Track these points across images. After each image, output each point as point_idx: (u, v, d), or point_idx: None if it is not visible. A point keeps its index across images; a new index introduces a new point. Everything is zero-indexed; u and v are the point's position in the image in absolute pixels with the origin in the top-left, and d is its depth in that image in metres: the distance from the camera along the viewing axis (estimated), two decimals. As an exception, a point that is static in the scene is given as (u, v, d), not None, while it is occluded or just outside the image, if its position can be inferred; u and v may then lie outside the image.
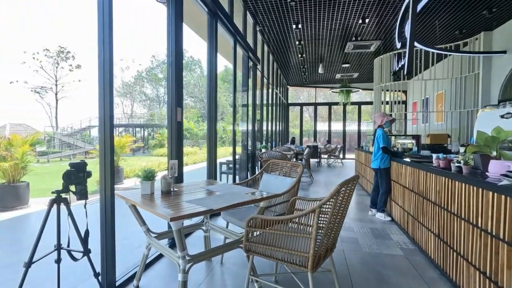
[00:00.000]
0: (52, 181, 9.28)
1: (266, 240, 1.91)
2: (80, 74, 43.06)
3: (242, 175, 6.39)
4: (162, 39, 54.48)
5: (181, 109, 3.33)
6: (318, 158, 11.53)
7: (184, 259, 1.88)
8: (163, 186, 2.31)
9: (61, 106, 32.29)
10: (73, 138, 20.73)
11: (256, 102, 7.17)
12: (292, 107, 16.16)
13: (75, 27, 44.92)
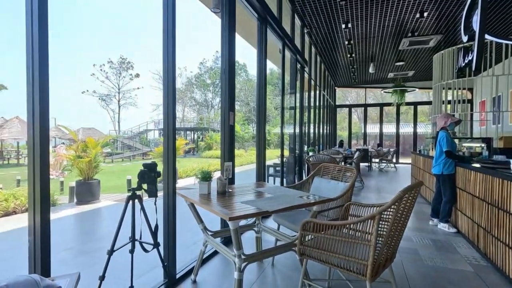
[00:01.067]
0: (116, 180, 10.29)
1: (321, 245, 1.89)
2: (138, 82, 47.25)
3: (290, 178, 6.37)
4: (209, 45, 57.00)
5: (233, 113, 3.47)
6: (369, 162, 10.95)
7: (240, 258, 1.95)
8: (219, 187, 2.43)
9: (123, 111, 35.77)
10: (132, 141, 22.81)
11: (303, 105, 7.10)
12: (339, 109, 15.64)
13: (133, 39, 49.50)
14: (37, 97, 1.47)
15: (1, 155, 16.62)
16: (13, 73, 46.54)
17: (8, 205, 5.13)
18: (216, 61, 39.34)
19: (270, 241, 3.28)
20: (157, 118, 33.60)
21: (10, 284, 0.75)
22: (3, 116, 19.37)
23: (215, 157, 20.07)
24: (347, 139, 14.74)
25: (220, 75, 3.42)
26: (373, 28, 6.81)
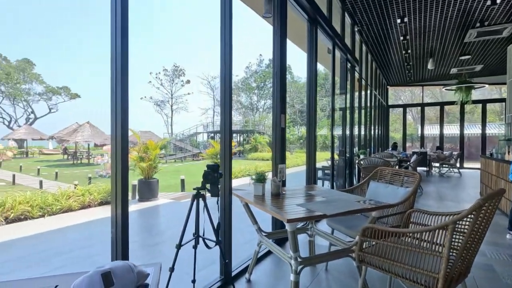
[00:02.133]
0: (170, 179, 11.03)
1: (383, 253, 1.80)
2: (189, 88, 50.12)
3: (340, 182, 6.16)
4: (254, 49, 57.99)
5: (284, 115, 3.49)
6: (428, 166, 10.05)
7: (297, 261, 1.96)
8: (273, 189, 2.47)
9: (175, 116, 38.30)
10: (184, 143, 24.27)
11: (354, 105, 6.83)
12: (392, 109, 14.66)
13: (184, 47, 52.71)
14: (119, 105, 1.66)
15: (75, 155, 18.97)
16: (85, 84, 52.92)
17: (84, 199, 5.86)
18: (260, 65, 39.88)
19: (321, 245, 3.21)
20: (205, 122, 35.23)
21: (113, 268, 0.87)
22: (77, 121, 22.17)
23: (261, 159, 20.31)
24: (401, 141, 13.74)
25: (272, 78, 3.48)
26: (433, 20, 6.27)
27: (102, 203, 6.12)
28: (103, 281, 0.83)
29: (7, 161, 17.26)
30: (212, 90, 39.08)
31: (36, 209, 5.12)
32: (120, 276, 0.87)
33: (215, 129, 30.07)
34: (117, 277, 0.86)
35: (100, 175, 12.17)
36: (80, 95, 35.56)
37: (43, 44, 45.20)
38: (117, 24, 1.67)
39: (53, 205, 5.36)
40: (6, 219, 4.77)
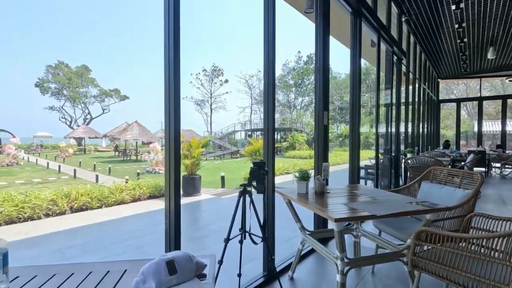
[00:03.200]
0: (210, 176, 11.41)
1: (440, 258, 1.67)
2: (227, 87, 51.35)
3: (384, 182, 5.85)
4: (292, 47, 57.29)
5: (327, 112, 3.41)
6: (486, 167, 9.08)
7: (343, 261, 1.91)
8: (317, 187, 2.43)
9: (214, 114, 39.52)
10: (222, 141, 24.95)
11: (400, 101, 6.42)
12: (443, 104, 13.49)
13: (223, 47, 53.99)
14: (172, 106, 1.77)
15: (125, 152, 20.54)
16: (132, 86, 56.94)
17: (135, 193, 6.35)
18: (298, 62, 39.28)
19: (367, 247, 3.09)
20: (243, 120, 35.78)
21: (175, 257, 0.94)
22: (126, 121, 23.98)
23: (298, 157, 20.08)
24: (454, 139, 12.59)
25: (314, 75, 3.42)
26: (495, 4, 5.62)
27: (151, 197, 6.57)
28: (168, 268, 0.89)
29: (68, 157, 19.29)
30: (250, 89, 39.53)
31: (95, 200, 5.67)
32: (182, 265, 0.93)
33: (253, 127, 30.41)
34: (179, 265, 0.92)
35: (147, 171, 13.02)
36: (128, 96, 38.43)
37: (98, 51, 49.60)
38: (169, 30, 1.77)
39: (109, 198, 5.88)
40: (71, 208, 5.36)
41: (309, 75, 38.43)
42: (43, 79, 32.86)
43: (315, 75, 3.40)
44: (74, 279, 0.99)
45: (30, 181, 10.08)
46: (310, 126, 28.23)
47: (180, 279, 0.90)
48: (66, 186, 7.38)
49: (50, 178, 10.82)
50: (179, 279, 0.90)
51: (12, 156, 14.97)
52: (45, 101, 41.80)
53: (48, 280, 0.98)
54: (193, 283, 0.91)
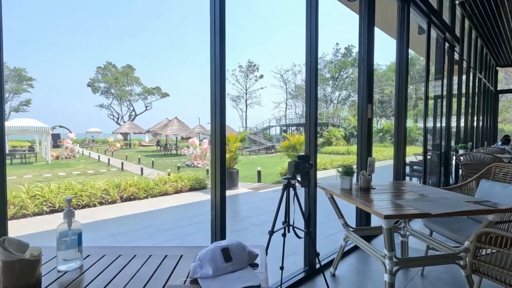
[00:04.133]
0: (246, 171, 11.57)
1: (507, 264, 1.52)
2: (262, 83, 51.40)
3: (433, 180, 5.46)
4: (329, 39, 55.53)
5: (371, 105, 3.26)
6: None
7: (392, 261, 1.82)
8: (362, 183, 2.34)
9: (249, 110, 39.93)
10: (257, 136, 25.12)
11: (451, 92, 5.90)
12: (502, 95, 12.12)
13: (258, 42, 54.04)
14: (218, 102, 1.82)
15: (166, 147, 21.64)
16: (171, 83, 59.58)
17: (177, 185, 6.69)
18: (336, 54, 37.95)
19: (414, 248, 2.91)
20: (278, 115, 35.64)
21: (229, 245, 0.96)
22: (167, 117, 25.22)
23: (335, 152, 19.50)
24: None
25: (358, 68, 3.28)
26: None
27: (191, 189, 6.87)
28: (223, 255, 0.92)
29: (116, 151, 20.86)
30: (285, 83, 39.17)
31: (142, 191, 6.08)
32: (236, 253, 0.95)
33: (288, 122, 30.15)
34: (233, 253, 0.94)
35: (186, 165, 13.60)
36: (169, 93, 40.36)
37: (141, 51, 52.61)
38: (216, 30, 1.82)
39: (154, 189, 6.27)
40: (121, 198, 5.80)
41: (347, 67, 36.98)
42: (94, 79, 35.84)
43: (358, 67, 3.26)
44: (136, 260, 1.07)
45: (84, 172, 11.10)
46: (348, 121, 27.20)
47: (235, 267, 0.92)
48: (115, 177, 8.00)
49: (101, 170, 11.80)
50: (234, 266, 0.92)
51: (70, 150, 16.59)
52: (96, 99, 45.62)
53: (114, 260, 1.07)
54: (247, 272, 0.92)
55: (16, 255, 0.83)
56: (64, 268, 0.99)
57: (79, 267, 1.01)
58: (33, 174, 10.35)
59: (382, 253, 1.91)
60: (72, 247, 1.00)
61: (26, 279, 0.84)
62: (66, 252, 1.00)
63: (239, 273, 0.91)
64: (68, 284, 0.90)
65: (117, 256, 1.10)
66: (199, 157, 14.31)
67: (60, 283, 0.91)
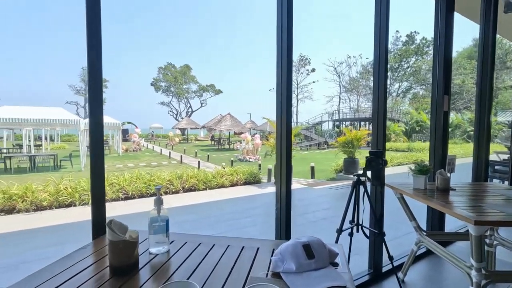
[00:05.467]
0: (298, 166, 11.43)
1: None
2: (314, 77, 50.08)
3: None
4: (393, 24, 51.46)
5: (448, 97, 2.91)
6: None
7: (480, 273, 1.60)
8: (440, 183, 2.10)
9: (300, 105, 39.29)
10: (309, 132, 24.61)
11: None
12: None
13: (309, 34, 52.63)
14: (285, 99, 1.81)
15: (220, 142, 22.58)
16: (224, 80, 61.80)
17: (233, 178, 6.93)
18: (395, 43, 34.95)
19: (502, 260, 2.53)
20: (331, 110, 34.37)
21: (310, 242, 0.94)
22: (221, 113, 26.25)
23: (394, 149, 18.08)
24: None
25: (433, 56, 2.96)
26: None
27: (246, 183, 7.05)
28: (305, 251, 0.91)
29: (175, 145, 22.46)
30: (339, 76, 37.48)
31: (201, 183, 6.45)
32: (318, 250, 0.92)
33: (342, 117, 28.88)
34: (315, 250, 0.92)
35: (239, 159, 13.99)
36: (222, 90, 41.93)
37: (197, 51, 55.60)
38: (283, 30, 1.79)
39: (212, 181, 6.60)
40: (183, 188, 6.24)
41: (409, 57, 33.83)
42: (156, 78, 39.02)
43: (434, 56, 2.94)
44: (216, 249, 1.11)
45: (149, 164, 12.18)
46: (409, 115, 24.93)
47: (318, 264, 0.90)
48: (176, 169, 8.61)
49: (163, 162, 12.82)
50: (317, 264, 0.89)
51: (136, 144, 18.37)
52: (158, 97, 49.78)
53: (196, 247, 1.13)
54: (331, 271, 0.89)
55: (120, 236, 0.92)
56: (154, 250, 1.08)
57: (166, 251, 1.09)
58: (108, 164, 11.73)
59: (466, 262, 1.70)
60: (161, 232, 1.09)
61: (127, 258, 0.94)
62: (156, 237, 1.08)
63: (323, 271, 0.88)
64: (160, 266, 0.98)
65: (198, 244, 1.16)
66: (251, 152, 14.60)
67: (153, 264, 1.00)
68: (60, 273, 0.92)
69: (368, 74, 36.46)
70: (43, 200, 4.91)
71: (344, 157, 8.61)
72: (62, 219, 4.53)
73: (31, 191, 4.95)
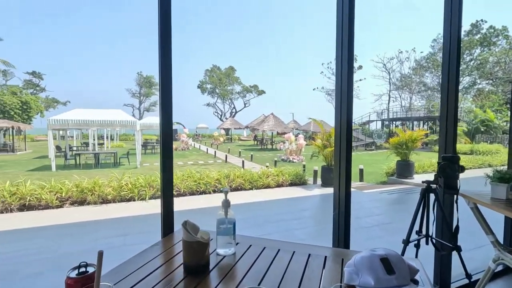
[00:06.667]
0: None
1: None
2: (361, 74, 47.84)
3: None
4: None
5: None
6: None
7: None
8: (527, 193, 1.82)
9: (345, 104, 37.62)
10: (355, 132, 23.53)
11: None
12: None
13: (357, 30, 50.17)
14: (345, 97, 1.73)
15: (262, 142, 22.75)
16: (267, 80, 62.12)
17: (278, 179, 6.93)
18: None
19: None
20: (379, 109, 32.40)
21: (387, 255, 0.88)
22: (264, 113, 26.44)
23: (454, 152, 16.36)
24: None
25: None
26: None
27: (291, 184, 6.98)
28: (384, 266, 0.84)
29: (220, 145, 23.20)
30: (388, 73, 35.18)
31: (247, 182, 6.56)
32: (397, 265, 0.85)
33: (392, 116, 27.08)
34: (394, 265, 0.85)
35: (282, 159, 13.93)
36: (265, 91, 42.22)
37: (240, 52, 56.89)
38: (343, 28, 1.72)
39: (258, 181, 6.66)
40: (231, 187, 6.40)
41: (472, 48, 30.37)
42: (202, 81, 40.77)
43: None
44: (282, 255, 1.09)
45: (196, 162, 12.75)
46: (473, 114, 22.37)
47: (399, 281, 0.82)
48: (221, 168, 8.87)
49: (209, 161, 13.32)
50: (399, 281, 0.82)
51: (185, 143, 19.40)
52: (204, 99, 51.88)
53: (261, 251, 1.13)
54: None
55: (194, 236, 0.96)
56: (221, 252, 1.10)
57: (233, 253, 1.11)
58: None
59: None
60: (227, 234, 1.11)
61: (200, 258, 0.97)
62: (223, 238, 1.11)
63: (406, 289, 0.81)
64: (229, 269, 0.99)
65: (262, 248, 1.16)
66: (294, 152, 14.44)
67: (222, 266, 1.01)
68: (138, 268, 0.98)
69: (423, 70, 33.60)
70: (108, 194, 5.43)
71: (396, 159, 8.03)
72: (123, 212, 4.96)
73: (98, 186, 5.51)
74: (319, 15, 55.27)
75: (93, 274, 0.67)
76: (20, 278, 2.66)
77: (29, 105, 23.71)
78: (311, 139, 20.85)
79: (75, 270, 0.67)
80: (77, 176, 6.42)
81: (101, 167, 10.56)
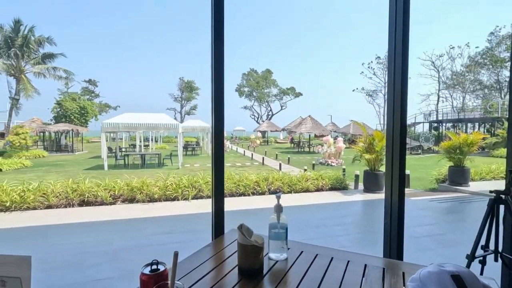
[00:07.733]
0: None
1: None
2: (404, 73, 44.85)
3: None
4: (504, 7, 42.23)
5: None
6: None
7: None
8: None
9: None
10: (399, 134, 22.14)
11: None
12: None
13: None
14: (399, 101, 1.63)
15: (299, 144, 22.45)
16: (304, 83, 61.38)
17: (318, 183, 6.78)
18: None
19: None
20: (426, 110, 30.15)
21: (459, 272, 0.80)
22: (301, 115, 26.11)
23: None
24: None
25: None
26: None
27: (332, 188, 6.78)
28: (456, 284, 0.77)
29: (256, 147, 23.39)
30: (437, 71, 32.63)
31: (286, 186, 6.51)
32: (471, 284, 0.77)
33: (441, 117, 25.02)
34: (468, 284, 0.77)
35: (320, 163, 13.60)
36: (302, 93, 41.72)
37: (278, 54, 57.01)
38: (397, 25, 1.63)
39: (297, 185, 6.58)
40: (269, 190, 6.42)
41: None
42: (240, 84, 41.58)
43: None
44: (336, 264, 1.06)
45: (234, 164, 12.99)
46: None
47: (475, 302, 0.75)
48: (258, 170, 8.92)
49: (247, 163, 13.49)
50: (474, 302, 0.75)
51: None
52: (241, 102, 52.94)
53: (314, 259, 1.10)
54: (494, 313, 0.73)
55: (250, 240, 0.97)
56: (273, 256, 1.10)
57: (285, 259, 1.10)
58: (200, 163, 13.03)
59: None
60: (279, 238, 1.10)
61: (254, 261, 0.98)
62: (275, 242, 1.10)
63: (484, 312, 0.73)
64: (283, 275, 0.99)
65: (315, 255, 1.13)
66: (333, 156, 14.02)
67: (275, 272, 1.01)
68: (194, 269, 1.02)
69: (478, 67, 30.58)
70: (154, 193, 5.77)
71: (448, 164, 7.37)
72: (169, 211, 5.22)
73: (146, 185, 5.89)
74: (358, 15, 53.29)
75: (164, 272, 0.71)
76: (85, 267, 2.95)
77: (86, 110, 26.21)
78: (350, 142, 20.05)
79: (148, 267, 0.71)
80: (127, 176, 6.92)
81: (146, 167, 11.27)
